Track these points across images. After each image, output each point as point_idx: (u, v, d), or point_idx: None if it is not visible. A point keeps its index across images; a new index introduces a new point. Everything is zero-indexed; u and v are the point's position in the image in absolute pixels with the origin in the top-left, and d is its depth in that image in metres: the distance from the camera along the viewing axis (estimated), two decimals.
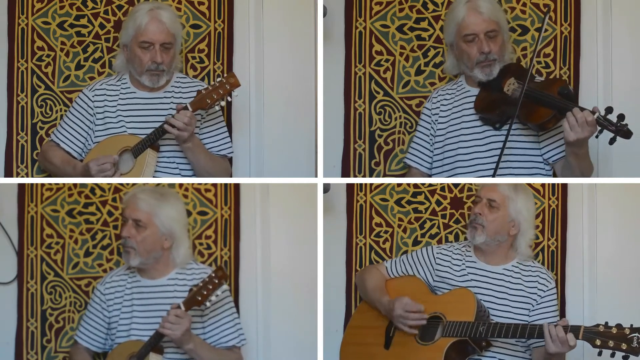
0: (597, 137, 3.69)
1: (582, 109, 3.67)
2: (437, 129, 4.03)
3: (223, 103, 3.93)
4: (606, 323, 3.50)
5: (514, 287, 3.83)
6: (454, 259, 3.92)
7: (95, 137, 4.05)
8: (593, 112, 3.66)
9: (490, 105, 3.92)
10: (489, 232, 3.83)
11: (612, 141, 3.66)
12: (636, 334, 3.44)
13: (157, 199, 3.89)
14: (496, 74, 3.93)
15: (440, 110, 4.04)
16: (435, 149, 4.03)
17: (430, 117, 4.07)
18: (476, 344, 3.73)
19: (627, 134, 3.63)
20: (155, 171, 3.98)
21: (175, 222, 3.90)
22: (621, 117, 3.64)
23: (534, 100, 3.80)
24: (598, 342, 3.48)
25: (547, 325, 3.57)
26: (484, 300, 3.81)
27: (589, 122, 3.65)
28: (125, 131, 4.02)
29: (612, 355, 3.48)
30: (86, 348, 4.00)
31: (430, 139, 4.05)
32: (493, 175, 3.83)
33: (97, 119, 4.06)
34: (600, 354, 3.49)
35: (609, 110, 3.66)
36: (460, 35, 3.93)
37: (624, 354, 3.45)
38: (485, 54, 3.91)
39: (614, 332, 3.47)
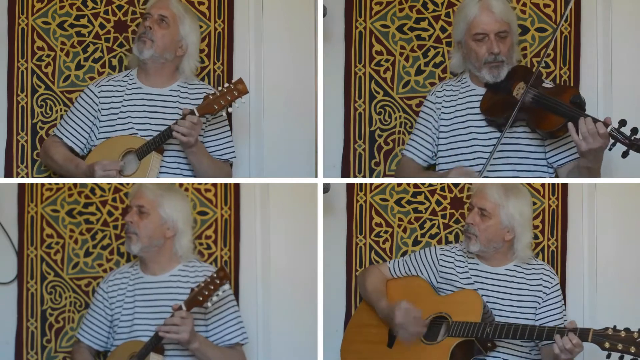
0: (610, 149, 3.66)
1: (595, 120, 3.63)
2: (441, 125, 4.01)
3: (230, 109, 3.93)
4: (614, 326, 3.50)
5: (517, 287, 3.83)
6: (457, 260, 3.91)
7: (99, 132, 4.05)
8: (606, 125, 3.62)
9: (497, 108, 3.89)
10: (482, 241, 3.81)
11: (625, 154, 3.62)
12: None
13: (162, 189, 3.92)
14: (504, 76, 3.89)
15: (443, 106, 4.02)
16: (439, 144, 4.01)
17: (434, 110, 4.03)
18: (482, 345, 3.73)
19: None
20: (159, 173, 3.98)
21: (178, 213, 3.92)
22: (635, 130, 3.60)
23: (544, 107, 3.77)
24: (607, 345, 3.49)
25: (558, 338, 3.56)
26: (488, 302, 3.80)
27: (602, 135, 3.61)
28: (131, 127, 4.01)
29: (621, 358, 3.49)
30: (88, 346, 3.99)
31: (434, 133, 4.02)
32: (480, 175, 3.82)
33: (102, 115, 4.05)
34: (609, 356, 3.50)
35: (623, 123, 3.62)
36: (470, 33, 3.90)
37: (632, 357, 3.47)
38: (494, 55, 3.87)
39: (623, 335, 3.48)
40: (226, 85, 3.91)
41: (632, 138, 3.60)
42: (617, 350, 3.48)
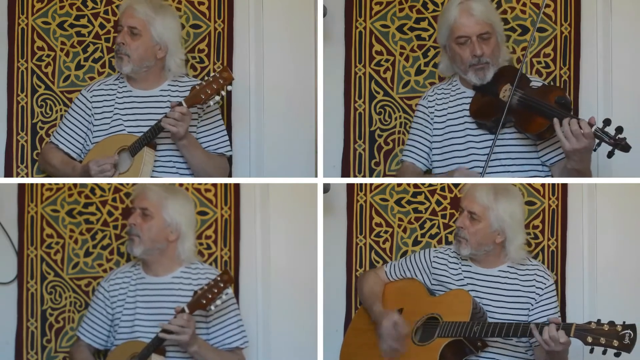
0: (595, 150, 3.63)
1: (579, 120, 3.60)
2: (434, 128, 4.01)
3: (218, 98, 3.93)
4: (598, 320, 3.48)
5: (510, 288, 3.82)
6: (451, 262, 3.90)
7: (94, 137, 4.05)
8: (590, 124, 3.58)
9: (485, 111, 3.87)
10: (473, 245, 3.80)
11: (610, 154, 3.58)
12: (628, 331, 3.42)
13: (166, 192, 3.90)
14: (490, 77, 3.87)
15: (436, 109, 4.02)
16: (433, 147, 4.01)
17: (427, 114, 4.03)
18: (471, 344, 3.73)
19: (625, 147, 3.55)
20: (153, 171, 3.98)
21: (182, 216, 3.90)
22: (619, 129, 3.56)
23: (530, 109, 3.75)
24: (590, 339, 3.46)
25: (534, 327, 3.56)
26: (482, 303, 3.80)
27: (586, 135, 3.58)
28: (124, 130, 4.02)
29: (604, 352, 3.47)
30: (88, 345, 3.99)
31: (429, 137, 4.02)
32: (481, 175, 3.81)
33: (95, 119, 4.06)
34: (592, 351, 3.48)
35: (607, 122, 3.58)
36: (453, 37, 3.88)
37: (615, 350, 3.43)
38: (477, 57, 3.85)
39: (606, 329, 3.45)
40: (211, 74, 3.91)
41: (617, 137, 3.56)
42: (600, 345, 3.43)
